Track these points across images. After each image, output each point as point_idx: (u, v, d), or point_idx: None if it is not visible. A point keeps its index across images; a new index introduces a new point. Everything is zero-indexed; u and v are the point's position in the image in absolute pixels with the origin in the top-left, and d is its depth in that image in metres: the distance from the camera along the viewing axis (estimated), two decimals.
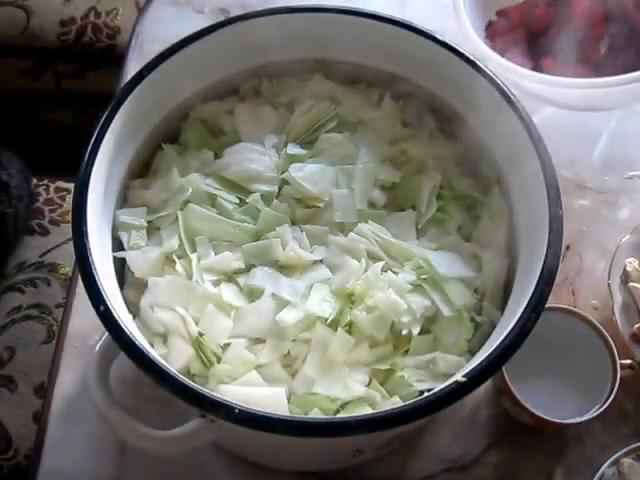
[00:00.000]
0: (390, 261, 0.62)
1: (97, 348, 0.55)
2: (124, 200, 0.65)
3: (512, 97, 0.63)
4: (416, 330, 0.60)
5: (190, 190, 0.64)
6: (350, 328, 0.59)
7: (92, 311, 0.53)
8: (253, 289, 0.60)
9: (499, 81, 0.64)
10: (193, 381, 0.55)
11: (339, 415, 0.57)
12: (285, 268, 0.62)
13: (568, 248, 0.80)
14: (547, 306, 0.54)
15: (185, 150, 0.68)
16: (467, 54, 0.65)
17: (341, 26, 0.68)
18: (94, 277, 0.54)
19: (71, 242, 0.56)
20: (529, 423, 0.69)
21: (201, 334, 0.59)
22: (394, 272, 0.61)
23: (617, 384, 0.67)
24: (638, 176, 0.86)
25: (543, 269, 0.55)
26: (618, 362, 0.68)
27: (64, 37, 1.28)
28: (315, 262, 0.62)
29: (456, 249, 0.64)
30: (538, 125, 0.62)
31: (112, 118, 0.61)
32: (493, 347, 0.53)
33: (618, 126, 0.88)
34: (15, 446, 0.93)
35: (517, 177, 0.64)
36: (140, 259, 0.61)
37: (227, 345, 0.59)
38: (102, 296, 0.54)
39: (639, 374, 0.71)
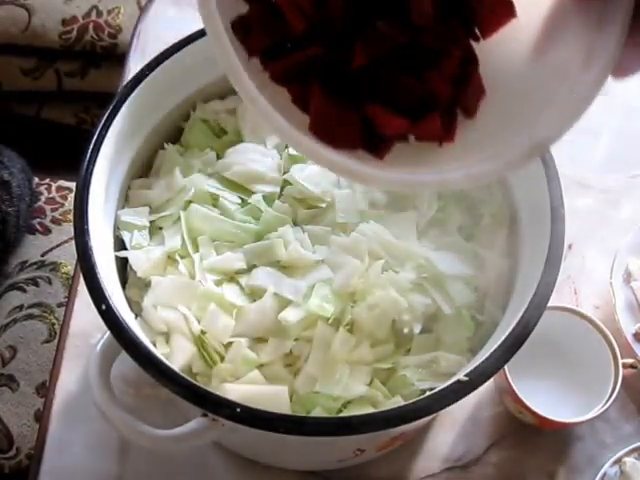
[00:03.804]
0: (391, 260, 0.62)
1: (98, 347, 0.55)
2: (126, 199, 0.65)
3: None
4: (417, 328, 0.60)
5: (192, 190, 0.64)
6: (352, 327, 0.59)
7: (94, 310, 0.53)
8: (255, 289, 0.60)
9: None
10: (195, 380, 0.55)
11: (341, 414, 0.57)
12: (287, 268, 0.61)
13: (570, 247, 0.80)
14: (549, 305, 0.54)
15: (187, 150, 0.68)
16: None
17: None
18: (96, 276, 0.54)
19: (73, 241, 0.56)
20: (531, 422, 0.69)
21: (203, 332, 0.59)
22: (395, 271, 0.61)
23: (619, 383, 0.67)
24: None
25: (545, 268, 0.55)
26: (620, 361, 0.68)
27: (66, 36, 1.28)
28: (317, 262, 0.62)
29: (457, 249, 0.64)
30: None
31: (113, 117, 0.61)
32: (495, 346, 0.53)
33: (621, 124, 0.88)
34: (17, 445, 0.93)
35: (518, 176, 0.64)
36: (142, 259, 0.61)
37: (229, 344, 0.59)
38: (104, 295, 0.54)
39: None
